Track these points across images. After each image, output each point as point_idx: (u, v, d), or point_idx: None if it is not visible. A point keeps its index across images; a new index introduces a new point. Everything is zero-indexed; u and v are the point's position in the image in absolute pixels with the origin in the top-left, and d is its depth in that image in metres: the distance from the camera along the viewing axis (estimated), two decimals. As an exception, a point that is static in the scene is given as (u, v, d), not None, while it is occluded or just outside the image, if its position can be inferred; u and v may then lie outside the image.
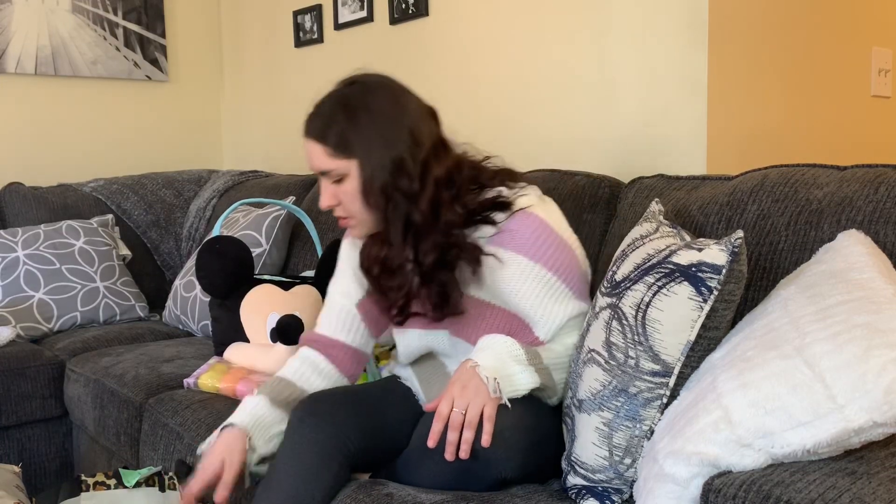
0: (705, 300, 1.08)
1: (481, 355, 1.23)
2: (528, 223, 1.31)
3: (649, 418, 1.12)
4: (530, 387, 1.23)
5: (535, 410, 1.26)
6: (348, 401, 1.36)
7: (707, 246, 1.11)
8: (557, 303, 1.32)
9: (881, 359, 0.86)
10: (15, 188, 2.79)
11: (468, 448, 1.14)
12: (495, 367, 1.20)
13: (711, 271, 1.08)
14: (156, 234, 2.94)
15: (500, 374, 1.20)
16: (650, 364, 1.12)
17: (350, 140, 1.28)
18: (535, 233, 1.31)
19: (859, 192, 1.27)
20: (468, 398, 1.16)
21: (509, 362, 1.22)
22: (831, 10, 2.05)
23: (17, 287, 2.42)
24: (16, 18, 2.94)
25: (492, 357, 1.22)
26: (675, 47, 1.80)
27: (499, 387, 1.18)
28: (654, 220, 1.31)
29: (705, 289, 1.08)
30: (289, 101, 3.09)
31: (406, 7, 2.48)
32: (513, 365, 1.22)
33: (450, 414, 1.16)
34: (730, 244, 1.08)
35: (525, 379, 1.23)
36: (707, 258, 1.09)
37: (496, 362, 1.21)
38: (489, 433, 1.14)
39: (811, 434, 0.88)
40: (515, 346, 1.25)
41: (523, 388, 1.22)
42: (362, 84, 1.33)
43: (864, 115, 2.17)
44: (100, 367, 2.09)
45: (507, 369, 1.22)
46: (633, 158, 1.89)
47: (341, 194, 1.31)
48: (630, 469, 1.15)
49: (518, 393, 1.21)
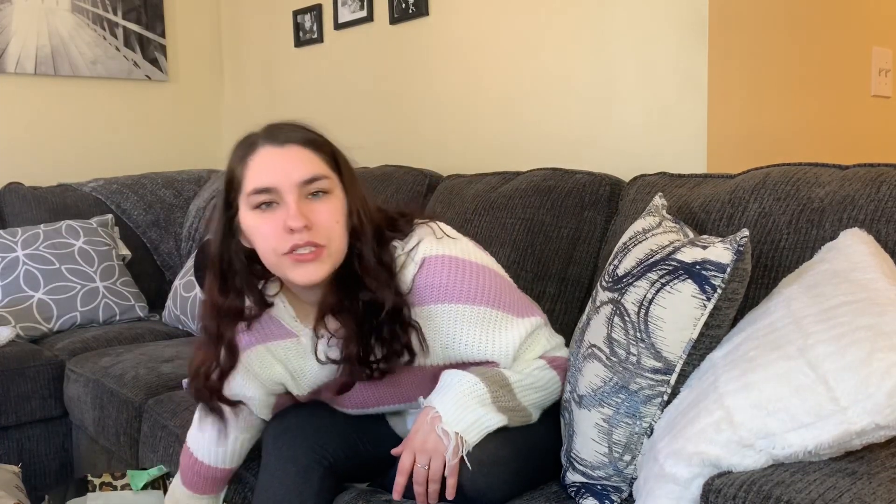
0: (709, 299, 1.08)
1: (442, 401, 1.15)
2: (437, 269, 1.19)
3: (649, 415, 1.12)
4: (497, 426, 1.16)
5: (511, 439, 1.21)
6: (324, 411, 1.34)
7: (712, 244, 1.10)
8: (503, 331, 1.22)
9: (884, 362, 0.86)
10: (15, 188, 2.79)
11: (436, 498, 1.12)
12: (457, 415, 1.13)
13: (716, 270, 1.07)
14: (156, 234, 2.94)
15: (463, 421, 1.13)
16: (652, 361, 1.11)
17: (339, 160, 1.19)
18: (448, 274, 1.19)
19: (861, 190, 1.26)
20: (429, 453, 1.12)
21: (472, 405, 1.15)
22: (831, 10, 2.04)
23: (17, 287, 2.42)
24: (15, 18, 2.93)
25: (452, 402, 1.15)
26: (675, 47, 1.80)
27: (461, 442, 1.11)
28: (658, 215, 1.30)
29: (709, 287, 1.07)
30: (289, 101, 3.09)
31: (406, 7, 2.48)
32: (477, 408, 1.15)
33: (412, 468, 1.12)
34: (735, 243, 1.07)
35: (491, 421, 1.15)
36: (712, 256, 1.08)
37: (457, 408, 1.14)
38: (452, 487, 1.11)
39: (813, 435, 0.88)
40: (479, 386, 1.16)
41: (491, 429, 1.16)
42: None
43: (864, 115, 2.16)
44: (99, 368, 2.09)
45: (471, 414, 1.14)
46: (634, 158, 1.88)
47: (320, 214, 1.13)
48: (629, 466, 1.14)
49: (485, 433, 1.15)
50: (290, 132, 1.17)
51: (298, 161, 1.14)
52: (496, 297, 1.21)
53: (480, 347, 1.21)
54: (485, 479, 1.15)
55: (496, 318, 1.21)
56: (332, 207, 1.15)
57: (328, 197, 1.15)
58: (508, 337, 1.22)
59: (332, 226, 1.14)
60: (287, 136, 1.16)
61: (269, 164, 1.13)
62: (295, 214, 1.10)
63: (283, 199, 1.12)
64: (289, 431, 1.29)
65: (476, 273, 1.21)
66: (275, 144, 1.15)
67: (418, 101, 2.51)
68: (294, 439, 1.28)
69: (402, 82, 2.56)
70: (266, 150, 1.14)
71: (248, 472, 1.47)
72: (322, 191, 1.14)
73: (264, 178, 1.13)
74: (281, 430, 1.30)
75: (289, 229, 1.11)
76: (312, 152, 1.15)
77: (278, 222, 1.12)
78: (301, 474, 1.26)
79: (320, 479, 1.27)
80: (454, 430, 1.12)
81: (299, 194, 1.12)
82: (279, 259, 1.13)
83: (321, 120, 1.23)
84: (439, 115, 2.42)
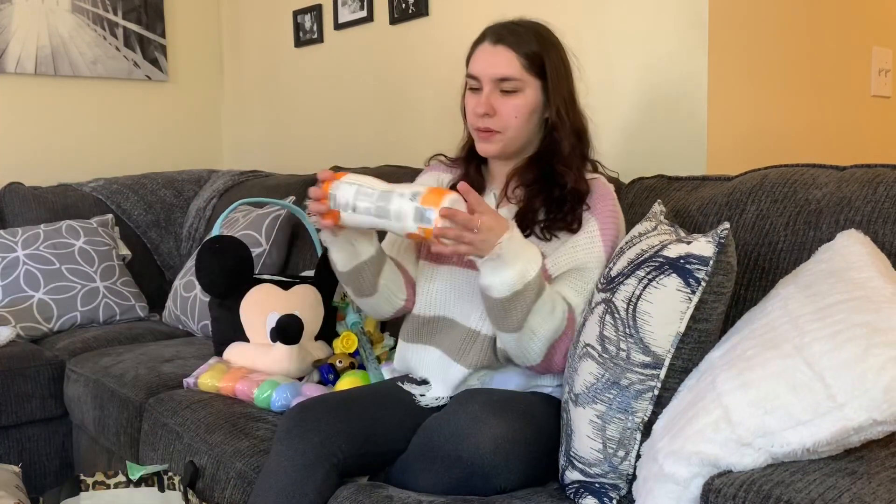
0: (693, 291, 1.10)
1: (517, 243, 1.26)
2: (609, 195, 1.43)
3: (641, 410, 1.14)
4: (507, 283, 1.25)
5: (534, 423, 1.27)
6: (339, 408, 1.36)
7: (695, 239, 1.12)
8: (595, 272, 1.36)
9: (880, 357, 0.86)
10: (15, 188, 2.79)
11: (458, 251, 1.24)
12: (516, 252, 1.24)
13: (699, 263, 1.09)
14: (156, 234, 2.94)
15: (511, 256, 1.24)
16: (641, 356, 1.13)
17: (542, 62, 1.41)
18: (612, 206, 1.42)
19: (858, 192, 1.27)
20: (483, 235, 1.22)
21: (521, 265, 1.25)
22: (831, 10, 2.05)
23: (17, 287, 2.42)
24: (16, 18, 2.94)
25: (520, 250, 1.25)
26: (675, 47, 1.80)
27: (499, 250, 1.22)
28: (655, 220, 1.32)
29: (693, 280, 1.10)
30: (289, 101, 3.09)
31: (406, 7, 2.48)
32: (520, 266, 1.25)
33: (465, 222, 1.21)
34: (716, 236, 1.10)
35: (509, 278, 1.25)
36: (694, 250, 1.11)
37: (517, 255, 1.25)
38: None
39: (811, 433, 0.88)
40: (535, 268, 1.26)
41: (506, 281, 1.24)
42: (546, 27, 1.47)
43: (864, 115, 2.17)
44: (100, 367, 2.09)
45: (514, 266, 1.24)
46: (634, 158, 1.89)
47: (504, 106, 1.40)
48: (624, 462, 1.15)
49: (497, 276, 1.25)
50: (507, 34, 1.42)
51: (501, 61, 1.40)
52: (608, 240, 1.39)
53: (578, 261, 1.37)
54: (503, 457, 1.19)
55: (600, 263, 1.37)
56: (516, 104, 1.41)
57: (516, 95, 1.41)
58: (593, 276, 1.35)
59: (511, 119, 1.41)
60: (503, 36, 1.41)
61: (481, 57, 1.43)
62: (482, 102, 1.41)
63: (482, 87, 1.42)
64: (303, 423, 1.31)
65: (619, 228, 1.42)
66: (491, 42, 1.42)
67: (418, 101, 2.51)
68: (306, 433, 1.29)
69: (402, 82, 2.56)
70: (484, 45, 1.43)
71: (249, 470, 1.48)
72: (513, 90, 1.40)
73: (475, 67, 1.44)
74: (296, 420, 1.32)
75: (476, 112, 1.41)
76: (516, 56, 1.40)
77: (475, 104, 1.43)
78: (307, 468, 1.27)
79: (324, 475, 1.28)
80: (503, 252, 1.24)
81: (493, 87, 1.41)
82: (473, 130, 1.47)
83: (321, 120, 1.24)
84: (439, 115, 2.42)
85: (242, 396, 1.75)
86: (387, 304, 1.51)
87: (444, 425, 1.25)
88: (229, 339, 1.95)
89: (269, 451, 1.40)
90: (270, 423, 1.61)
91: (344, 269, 1.44)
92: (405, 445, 1.34)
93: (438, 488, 1.23)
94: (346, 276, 1.45)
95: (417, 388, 1.47)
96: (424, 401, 1.44)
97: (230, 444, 1.56)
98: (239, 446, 1.54)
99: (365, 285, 1.46)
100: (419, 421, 1.36)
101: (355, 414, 1.36)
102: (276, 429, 1.34)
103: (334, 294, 1.99)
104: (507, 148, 1.45)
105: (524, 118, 1.42)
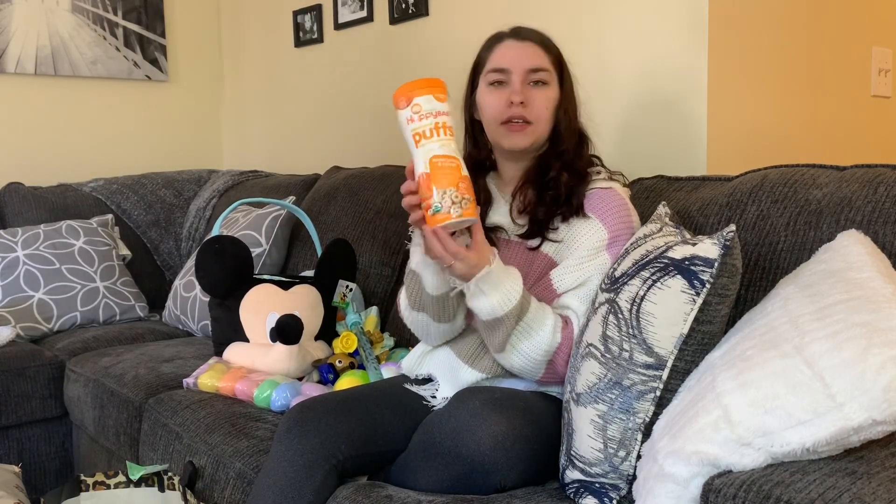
0: (698, 293, 1.10)
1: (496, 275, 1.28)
2: (612, 197, 1.41)
3: (643, 411, 1.14)
4: (485, 310, 1.28)
5: (535, 421, 1.27)
6: (339, 408, 1.36)
7: (701, 241, 1.12)
8: (596, 277, 1.36)
9: (880, 357, 0.86)
10: (15, 188, 2.79)
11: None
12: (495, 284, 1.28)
13: (704, 265, 1.09)
14: (156, 234, 2.94)
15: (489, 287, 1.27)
16: (643, 357, 1.13)
17: (563, 64, 1.48)
18: (619, 207, 1.40)
19: (858, 192, 1.27)
20: (460, 267, 1.26)
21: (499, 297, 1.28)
22: (831, 10, 2.05)
23: (17, 287, 2.42)
24: (16, 18, 2.94)
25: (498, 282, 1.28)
26: (675, 47, 1.80)
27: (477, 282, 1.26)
28: (660, 222, 1.32)
29: (698, 282, 1.09)
30: (289, 101, 3.09)
31: (406, 7, 2.48)
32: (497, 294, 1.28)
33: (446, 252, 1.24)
34: (722, 238, 1.10)
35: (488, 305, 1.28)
36: (700, 252, 1.10)
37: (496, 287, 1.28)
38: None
39: (811, 433, 0.88)
40: (515, 297, 1.29)
41: (484, 308, 1.28)
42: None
43: (864, 115, 2.16)
44: (99, 368, 2.09)
45: (493, 297, 1.28)
46: (633, 159, 1.88)
47: (536, 97, 1.42)
48: (624, 462, 1.15)
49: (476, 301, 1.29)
50: (530, 33, 1.48)
51: (531, 53, 1.44)
52: (616, 255, 1.36)
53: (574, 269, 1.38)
54: (503, 453, 1.19)
55: (603, 268, 1.36)
56: (546, 96, 1.44)
57: (546, 87, 1.44)
58: (597, 282, 1.35)
59: (542, 111, 1.43)
60: (527, 34, 1.47)
61: (509, 51, 1.45)
62: (517, 91, 1.42)
63: (511, 80, 1.43)
64: (303, 424, 1.31)
65: (628, 227, 1.39)
66: (516, 39, 1.47)
67: (418, 102, 2.51)
68: (307, 433, 1.30)
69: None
70: (509, 42, 1.47)
71: (249, 470, 1.48)
72: (542, 81, 1.43)
73: (502, 61, 1.45)
74: (296, 420, 1.32)
75: (510, 102, 1.42)
76: (543, 51, 1.45)
77: (503, 97, 1.43)
78: (306, 468, 1.27)
79: (324, 476, 1.28)
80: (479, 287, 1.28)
81: (524, 79, 1.43)
82: (497, 127, 1.45)
83: (321, 120, 1.24)
84: (439, 115, 2.42)
85: (242, 396, 1.75)
86: (450, 334, 1.47)
87: (444, 421, 1.25)
88: (229, 339, 1.95)
89: (268, 450, 1.40)
90: (270, 423, 1.61)
91: (434, 293, 1.40)
92: (405, 445, 1.34)
93: (438, 485, 1.23)
94: (434, 299, 1.40)
95: (426, 390, 1.46)
96: (435, 402, 1.44)
97: (230, 444, 1.56)
98: (238, 446, 1.54)
99: (447, 313, 1.42)
100: (419, 421, 1.36)
101: (355, 414, 1.36)
102: (276, 429, 1.34)
103: (334, 294, 1.99)
104: (536, 141, 1.44)
105: (552, 111, 1.44)
